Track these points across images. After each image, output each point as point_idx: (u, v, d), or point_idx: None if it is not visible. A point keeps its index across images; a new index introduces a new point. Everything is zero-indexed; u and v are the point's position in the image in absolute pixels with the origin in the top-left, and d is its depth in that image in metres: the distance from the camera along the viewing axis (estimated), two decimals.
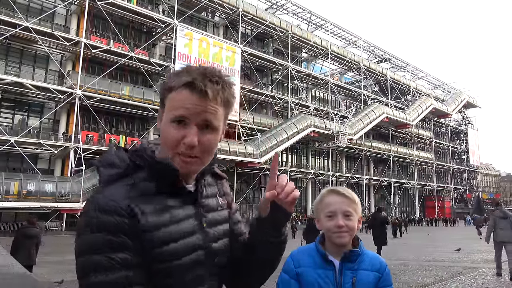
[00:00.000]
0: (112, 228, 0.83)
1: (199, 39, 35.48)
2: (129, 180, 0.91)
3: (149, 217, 0.87)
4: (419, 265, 10.74)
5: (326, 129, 43.74)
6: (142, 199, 0.89)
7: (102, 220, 0.83)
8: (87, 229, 0.83)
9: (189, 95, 0.91)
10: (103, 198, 0.86)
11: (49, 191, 25.39)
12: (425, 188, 61.11)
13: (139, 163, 0.94)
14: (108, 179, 0.91)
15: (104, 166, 0.93)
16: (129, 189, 0.89)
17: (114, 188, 0.89)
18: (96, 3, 29.86)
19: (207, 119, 0.92)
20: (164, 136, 0.94)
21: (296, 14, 49.11)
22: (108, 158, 0.94)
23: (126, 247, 0.83)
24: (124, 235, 0.83)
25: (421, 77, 69.73)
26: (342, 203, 1.42)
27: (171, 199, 0.93)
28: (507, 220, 8.10)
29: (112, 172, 0.92)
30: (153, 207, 0.89)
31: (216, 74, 0.95)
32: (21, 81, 26.70)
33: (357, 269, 1.40)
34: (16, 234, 8.14)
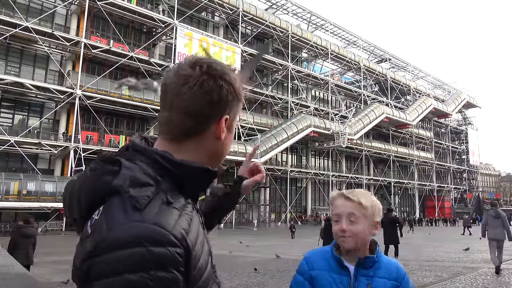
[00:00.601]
0: (166, 264, 0.68)
1: (199, 39, 35.48)
2: (160, 195, 0.76)
3: (190, 238, 0.74)
4: (419, 265, 10.75)
5: (326, 129, 43.76)
6: (180, 217, 0.75)
7: (156, 255, 0.67)
8: (132, 267, 0.66)
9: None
10: (151, 227, 0.69)
11: (49, 191, 25.39)
12: (425, 188, 61.12)
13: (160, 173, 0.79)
14: (144, 203, 0.72)
15: (134, 186, 0.75)
16: (167, 208, 0.74)
17: (154, 211, 0.72)
18: (96, 3, 29.87)
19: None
20: (225, 148, 0.90)
21: (296, 14, 49.12)
22: (135, 176, 0.77)
23: (177, 284, 0.69)
24: (176, 270, 0.69)
25: (421, 77, 69.74)
26: (346, 207, 1.38)
27: (188, 207, 0.81)
28: (500, 220, 8.81)
29: (147, 193, 0.74)
30: (187, 225, 0.75)
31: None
32: (21, 81, 26.71)
33: (373, 276, 1.35)
34: (13, 234, 8.13)
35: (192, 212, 0.81)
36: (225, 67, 0.86)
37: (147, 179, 0.76)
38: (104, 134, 31.39)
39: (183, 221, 0.75)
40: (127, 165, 0.79)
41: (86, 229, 0.75)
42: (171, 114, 0.83)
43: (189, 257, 0.72)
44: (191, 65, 0.83)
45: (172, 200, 0.75)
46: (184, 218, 0.76)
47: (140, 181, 0.76)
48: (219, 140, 0.87)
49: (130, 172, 0.77)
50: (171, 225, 0.71)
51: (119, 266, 0.66)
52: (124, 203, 0.72)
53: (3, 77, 26.09)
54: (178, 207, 0.77)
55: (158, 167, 0.79)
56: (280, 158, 44.95)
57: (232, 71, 0.87)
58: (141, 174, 0.77)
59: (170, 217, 0.72)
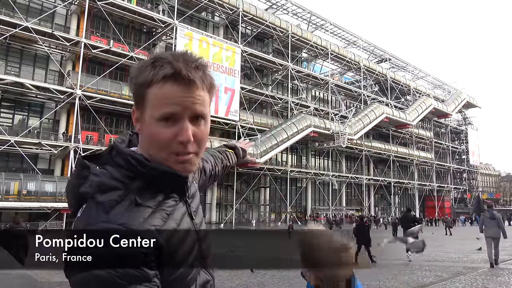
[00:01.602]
0: (133, 262, 0.72)
1: (199, 39, 35.49)
2: (129, 196, 0.80)
3: (163, 235, 0.78)
4: (419, 265, 10.75)
5: (326, 129, 43.76)
6: (151, 216, 0.79)
7: (120, 253, 0.71)
8: (99, 264, 0.71)
9: (176, 87, 0.83)
10: (116, 227, 0.73)
11: (49, 191, 25.40)
12: (425, 188, 61.12)
13: (133, 175, 0.83)
14: (111, 206, 0.77)
15: (101, 192, 0.79)
16: (136, 207, 0.78)
17: (120, 212, 0.76)
18: (96, 3, 29.87)
19: (197, 111, 0.85)
20: (152, 138, 0.85)
21: (296, 14, 49.11)
22: (101, 181, 0.81)
23: (147, 279, 0.73)
24: (146, 266, 0.73)
25: (421, 77, 69.73)
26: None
27: (168, 203, 0.86)
28: (495, 221, 10.01)
29: (113, 197, 0.79)
30: (161, 221, 0.80)
31: (195, 58, 0.88)
32: (21, 81, 26.71)
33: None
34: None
35: (174, 207, 0.86)
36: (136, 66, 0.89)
37: (115, 183, 0.81)
38: (104, 134, 31.39)
39: (155, 218, 0.79)
40: (95, 171, 0.84)
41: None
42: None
43: (161, 252, 0.75)
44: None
45: (140, 201, 0.79)
46: (158, 215, 0.80)
47: (107, 186, 0.80)
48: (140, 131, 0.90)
49: (97, 178, 0.82)
50: (138, 225, 0.75)
51: (87, 264, 0.71)
52: (95, 205, 0.78)
53: (3, 77, 26.08)
54: (152, 205, 0.81)
55: (132, 169, 0.84)
56: (280, 158, 44.94)
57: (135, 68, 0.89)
58: (109, 179, 0.81)
59: (137, 217, 0.76)
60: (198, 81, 0.84)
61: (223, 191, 40.11)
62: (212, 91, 0.90)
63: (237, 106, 37.39)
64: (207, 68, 0.90)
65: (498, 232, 9.85)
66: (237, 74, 37.92)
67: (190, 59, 0.86)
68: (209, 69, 0.90)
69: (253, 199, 43.44)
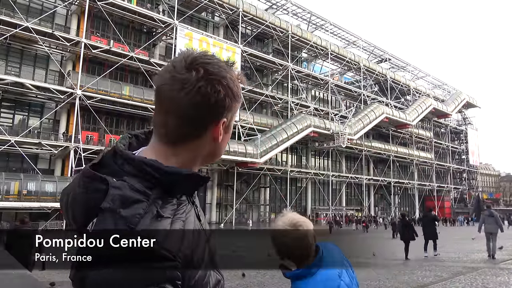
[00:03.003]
0: (159, 281, 0.68)
1: (199, 39, 35.49)
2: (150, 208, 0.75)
3: (183, 244, 0.75)
4: (419, 265, 10.76)
5: (326, 129, 43.75)
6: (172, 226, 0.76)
7: (147, 270, 0.68)
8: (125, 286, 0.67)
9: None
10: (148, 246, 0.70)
11: (49, 191, 25.39)
12: (425, 188, 61.12)
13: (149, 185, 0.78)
14: (137, 221, 0.72)
15: (124, 207, 0.74)
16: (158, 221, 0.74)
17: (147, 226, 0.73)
18: (96, 3, 29.87)
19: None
20: (219, 150, 0.88)
21: (296, 14, 49.11)
22: (123, 195, 0.75)
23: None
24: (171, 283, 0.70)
25: (421, 77, 69.72)
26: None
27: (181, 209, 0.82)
28: (493, 218, 11.93)
29: (138, 211, 0.74)
30: (180, 229, 0.78)
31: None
32: (21, 81, 26.71)
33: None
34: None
35: (187, 210, 0.83)
36: (222, 69, 0.84)
37: (138, 196, 0.75)
38: (104, 134, 31.39)
39: (175, 228, 0.76)
40: (115, 184, 0.77)
41: None
42: (167, 118, 0.82)
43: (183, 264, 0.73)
44: (187, 66, 0.81)
45: (162, 213, 0.75)
46: (177, 224, 0.77)
47: (130, 199, 0.74)
48: (216, 141, 0.86)
49: (119, 191, 0.75)
50: (163, 240, 0.71)
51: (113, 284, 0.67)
52: (116, 219, 0.72)
53: (3, 77, 26.09)
54: (170, 214, 0.77)
55: (148, 178, 0.79)
56: (280, 158, 44.94)
57: (229, 72, 0.85)
58: (131, 192, 0.75)
59: (161, 231, 0.73)
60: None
61: (223, 191, 40.11)
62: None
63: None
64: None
65: (496, 228, 11.77)
66: None
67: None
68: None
69: (253, 199, 43.44)
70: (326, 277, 1.50)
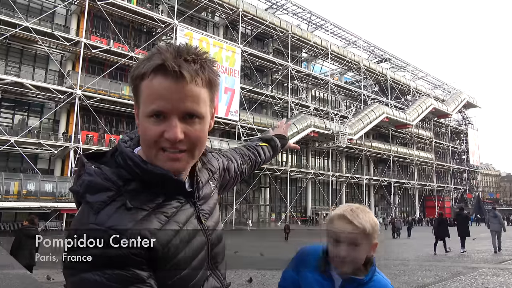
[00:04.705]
0: (121, 264, 0.71)
1: (199, 39, 35.47)
2: (121, 198, 0.78)
3: (158, 237, 0.76)
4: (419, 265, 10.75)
5: (326, 129, 43.75)
6: (145, 218, 0.77)
7: (109, 256, 0.71)
8: (88, 266, 0.70)
9: (163, 81, 0.77)
10: (104, 230, 0.72)
11: (49, 191, 25.37)
12: (425, 188, 61.12)
13: (129, 177, 0.81)
14: (101, 206, 0.76)
15: (90, 192, 0.78)
16: (126, 210, 0.76)
17: (109, 214, 0.75)
18: (96, 3, 29.86)
19: (188, 107, 0.80)
20: (142, 134, 0.82)
21: (296, 14, 49.11)
22: (92, 181, 0.79)
23: (139, 280, 0.72)
24: (136, 268, 0.72)
25: (421, 77, 69.73)
26: (349, 233, 1.26)
27: (169, 205, 0.83)
28: (497, 219, 13.63)
29: (102, 198, 0.77)
30: (158, 223, 0.78)
31: (191, 51, 0.81)
32: (21, 81, 26.69)
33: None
34: (16, 234, 8.09)
35: (177, 209, 0.84)
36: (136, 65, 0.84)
37: (107, 184, 0.78)
38: (104, 134, 31.39)
39: (150, 221, 0.77)
40: (89, 170, 0.81)
41: None
42: None
43: (155, 254, 0.75)
44: None
45: (131, 205, 0.77)
46: (154, 218, 0.78)
47: (98, 186, 0.78)
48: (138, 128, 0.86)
49: (89, 177, 0.79)
50: (126, 227, 0.73)
51: (78, 266, 0.71)
52: (87, 206, 0.77)
53: (3, 77, 26.07)
54: (148, 207, 0.79)
55: (130, 171, 0.82)
56: (280, 158, 44.93)
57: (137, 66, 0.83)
58: (101, 180, 0.79)
59: (126, 219, 0.75)
60: (187, 75, 0.78)
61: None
62: (212, 88, 0.84)
63: (237, 106, 37.38)
64: (209, 62, 0.83)
65: (499, 227, 13.36)
66: (237, 74, 37.93)
67: (185, 51, 0.80)
68: (211, 64, 0.84)
69: (253, 199, 43.44)
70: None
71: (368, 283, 1.27)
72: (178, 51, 0.80)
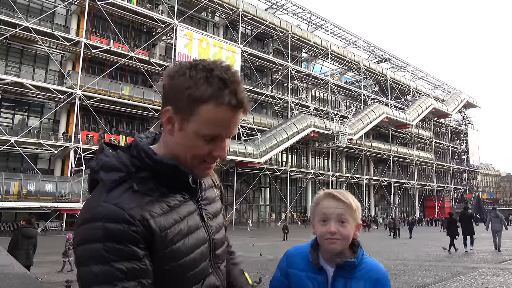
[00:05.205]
0: (120, 238, 0.79)
1: (199, 39, 35.48)
2: (130, 182, 0.87)
3: (158, 221, 0.85)
4: (419, 265, 10.75)
5: (326, 129, 43.75)
6: (148, 203, 0.86)
7: (110, 229, 0.79)
8: (92, 237, 0.79)
9: (229, 113, 0.86)
10: (109, 206, 0.82)
11: (49, 191, 25.37)
12: (425, 188, 61.12)
13: (141, 166, 0.90)
14: (112, 185, 0.86)
15: (105, 170, 0.88)
16: (133, 193, 0.85)
17: (118, 194, 0.84)
18: (96, 3, 29.86)
19: (234, 133, 0.92)
20: (189, 148, 0.90)
21: (296, 14, 49.12)
22: (108, 162, 0.90)
23: (135, 256, 0.80)
24: (134, 244, 0.80)
25: (421, 77, 69.74)
26: (337, 208, 1.31)
27: (173, 197, 0.92)
28: (498, 218, 14.27)
29: (114, 177, 0.87)
30: (160, 210, 0.87)
31: (240, 81, 0.90)
32: (21, 81, 26.70)
33: (352, 278, 1.30)
34: (14, 234, 8.07)
35: (181, 202, 0.93)
36: (175, 66, 0.90)
37: (119, 166, 0.89)
38: (104, 134, 31.38)
39: (153, 206, 0.86)
40: (106, 152, 0.93)
41: None
42: None
43: (150, 237, 0.82)
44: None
45: (137, 188, 0.86)
46: (157, 204, 0.87)
47: (111, 166, 0.89)
48: (170, 133, 0.92)
49: (105, 158, 0.91)
50: (130, 207, 0.82)
51: (84, 237, 0.80)
52: (101, 186, 0.88)
53: (3, 77, 26.08)
54: (153, 195, 0.88)
55: (141, 161, 0.91)
56: (280, 158, 44.94)
57: (180, 69, 0.88)
58: (116, 161, 0.90)
59: (132, 200, 0.83)
60: (248, 108, 0.90)
61: (223, 191, 40.14)
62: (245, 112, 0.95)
63: None
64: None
65: (500, 227, 14.03)
66: None
67: (241, 85, 0.89)
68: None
69: (253, 199, 43.44)
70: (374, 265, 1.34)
71: (359, 266, 1.31)
72: (238, 83, 0.88)
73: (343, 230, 1.29)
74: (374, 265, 1.33)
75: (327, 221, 1.31)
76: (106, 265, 0.77)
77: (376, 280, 1.30)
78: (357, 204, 1.34)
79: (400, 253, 14.67)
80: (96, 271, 0.77)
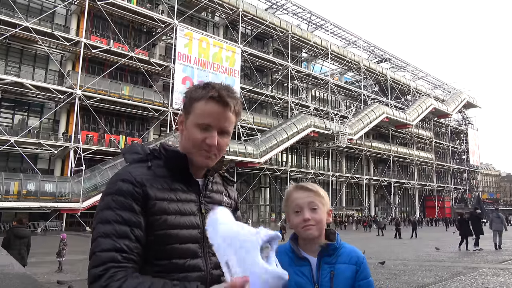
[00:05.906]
0: (124, 193, 1.07)
1: (199, 39, 35.47)
2: (147, 164, 1.17)
3: (156, 192, 1.11)
4: (419, 265, 10.75)
5: (326, 129, 43.74)
6: (153, 178, 1.14)
7: (119, 186, 1.09)
8: (108, 191, 1.10)
9: (215, 106, 1.15)
10: (124, 172, 1.13)
11: (49, 191, 25.36)
12: (425, 188, 61.10)
13: (157, 154, 1.20)
14: (131, 161, 1.18)
15: (129, 153, 1.21)
16: (145, 169, 1.15)
17: (134, 167, 1.16)
18: (96, 3, 29.85)
19: (225, 126, 1.18)
20: (190, 137, 1.18)
21: (296, 14, 49.11)
22: (132, 148, 1.23)
23: (132, 209, 1.07)
24: (133, 200, 1.07)
25: (421, 77, 69.74)
26: (307, 197, 1.45)
27: (178, 184, 1.18)
28: (500, 219, 15.06)
29: (134, 156, 1.20)
30: (160, 185, 1.14)
31: (233, 90, 1.21)
32: (21, 81, 26.68)
33: (335, 263, 1.41)
34: (6, 234, 8.03)
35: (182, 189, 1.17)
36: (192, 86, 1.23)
37: (140, 151, 1.22)
38: (104, 134, 31.37)
39: (156, 180, 1.14)
40: (134, 143, 1.32)
41: None
42: None
43: (147, 200, 1.09)
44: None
45: (151, 165, 1.17)
46: (159, 181, 1.14)
47: (134, 150, 1.22)
48: (180, 131, 1.24)
49: (132, 146, 1.24)
50: (137, 173, 1.12)
51: (106, 191, 1.11)
52: (125, 160, 1.22)
53: (3, 77, 26.06)
54: (159, 174, 1.16)
55: (158, 152, 1.21)
56: (280, 158, 44.94)
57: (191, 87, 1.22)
58: (139, 148, 1.23)
59: (142, 173, 1.13)
60: (231, 105, 1.17)
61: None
62: (238, 117, 1.23)
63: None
64: (239, 100, 1.22)
65: (501, 227, 14.91)
66: (237, 74, 37.91)
67: (231, 91, 1.20)
68: (239, 101, 1.23)
69: (253, 199, 43.43)
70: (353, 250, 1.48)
71: (340, 250, 1.45)
72: (227, 89, 1.19)
73: (316, 216, 1.43)
74: (352, 249, 1.48)
75: (300, 211, 1.44)
76: (110, 211, 1.06)
77: (357, 260, 1.44)
78: (324, 191, 1.50)
79: (400, 253, 14.68)
80: (103, 214, 1.06)
